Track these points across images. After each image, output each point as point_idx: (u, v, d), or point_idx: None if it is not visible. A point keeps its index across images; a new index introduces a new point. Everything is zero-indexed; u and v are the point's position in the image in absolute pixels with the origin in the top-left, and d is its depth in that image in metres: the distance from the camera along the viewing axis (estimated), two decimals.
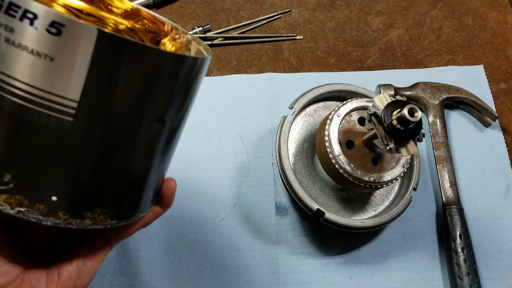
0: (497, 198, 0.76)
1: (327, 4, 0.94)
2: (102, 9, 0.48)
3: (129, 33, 0.35)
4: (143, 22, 0.48)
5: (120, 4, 0.48)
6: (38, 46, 0.30)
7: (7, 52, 0.31)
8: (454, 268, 0.67)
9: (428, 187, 0.76)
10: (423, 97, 0.80)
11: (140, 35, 0.36)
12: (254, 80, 0.85)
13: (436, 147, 0.76)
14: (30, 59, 0.31)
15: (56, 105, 0.32)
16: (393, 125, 0.53)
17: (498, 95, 0.85)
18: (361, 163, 0.62)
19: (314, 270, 0.70)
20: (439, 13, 0.94)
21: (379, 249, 0.72)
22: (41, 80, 0.31)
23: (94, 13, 0.33)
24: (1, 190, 0.33)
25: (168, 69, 0.35)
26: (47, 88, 0.31)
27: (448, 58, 0.89)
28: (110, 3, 0.48)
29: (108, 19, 0.34)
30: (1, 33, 0.31)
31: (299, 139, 0.73)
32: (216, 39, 0.89)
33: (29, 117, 0.32)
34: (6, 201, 0.34)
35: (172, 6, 0.94)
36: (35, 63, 0.31)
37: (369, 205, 0.70)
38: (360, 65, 0.88)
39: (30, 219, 0.35)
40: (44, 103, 0.32)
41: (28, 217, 0.34)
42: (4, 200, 0.33)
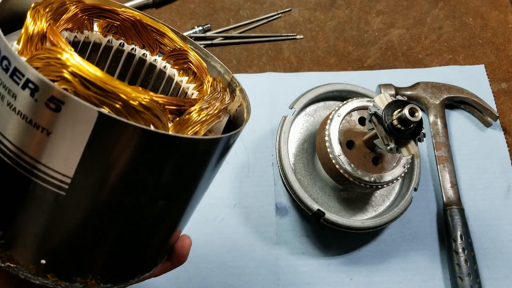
0: (498, 198, 0.75)
1: (328, 4, 0.94)
2: (150, 45, 0.46)
3: (142, 110, 0.32)
4: (188, 65, 0.46)
5: (169, 43, 0.46)
6: (36, 118, 0.29)
7: (7, 116, 0.30)
8: (455, 268, 0.67)
9: (428, 187, 0.76)
10: (423, 97, 0.79)
11: (156, 111, 0.33)
12: (254, 80, 0.84)
13: (436, 147, 0.76)
14: (28, 128, 0.30)
15: (49, 177, 0.31)
16: (394, 125, 0.53)
17: (499, 94, 0.85)
18: (361, 163, 0.62)
19: (314, 271, 0.70)
20: (439, 13, 0.93)
21: (379, 250, 0.72)
22: (36, 150, 0.30)
23: (105, 86, 0.31)
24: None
25: (173, 155, 0.33)
26: (41, 159, 0.30)
27: (449, 58, 0.88)
28: (160, 40, 0.46)
29: (120, 93, 0.31)
30: (4, 95, 0.30)
31: (299, 139, 0.73)
32: (216, 39, 0.89)
33: (20, 181, 0.31)
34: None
35: (172, 5, 0.94)
36: (32, 134, 0.30)
37: (369, 206, 0.70)
38: (360, 65, 0.87)
39: (19, 275, 0.34)
40: (36, 173, 0.31)
41: (17, 273, 0.34)
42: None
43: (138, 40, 0.46)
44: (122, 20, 0.43)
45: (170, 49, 0.46)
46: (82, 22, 0.41)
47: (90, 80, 0.30)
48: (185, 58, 0.46)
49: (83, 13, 0.40)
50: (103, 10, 0.42)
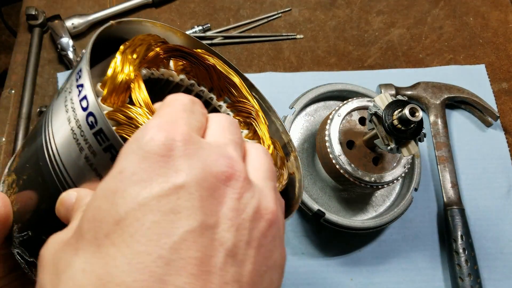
0: (499, 198, 0.75)
1: (328, 3, 0.94)
2: (218, 91, 0.46)
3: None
4: (251, 120, 0.45)
5: (237, 93, 0.45)
6: None
7: (84, 170, 0.30)
8: (456, 268, 0.67)
9: (429, 187, 0.76)
10: (424, 97, 0.79)
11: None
12: (254, 80, 0.83)
13: (437, 147, 0.76)
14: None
15: None
16: (394, 125, 0.53)
17: (499, 94, 0.84)
18: (361, 163, 0.61)
19: (314, 271, 0.70)
20: (440, 12, 0.93)
21: (380, 250, 0.72)
22: None
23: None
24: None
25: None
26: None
27: (449, 58, 0.88)
28: (229, 88, 0.46)
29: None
30: (83, 148, 0.30)
31: (300, 139, 0.72)
32: (216, 38, 0.88)
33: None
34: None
35: (172, 5, 0.94)
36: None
37: (370, 206, 0.70)
38: (361, 65, 0.87)
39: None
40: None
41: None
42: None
43: (208, 83, 0.46)
44: (198, 63, 0.44)
45: (236, 99, 0.46)
46: (162, 61, 0.42)
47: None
48: (249, 113, 0.45)
49: (165, 54, 0.41)
50: (184, 52, 0.42)
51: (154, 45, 0.39)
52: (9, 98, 0.83)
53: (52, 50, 0.88)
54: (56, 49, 0.86)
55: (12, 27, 1.41)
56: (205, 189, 0.23)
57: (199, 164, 0.24)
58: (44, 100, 0.83)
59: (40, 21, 0.88)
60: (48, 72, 0.86)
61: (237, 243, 0.23)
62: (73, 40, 0.85)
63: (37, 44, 0.87)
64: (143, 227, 0.22)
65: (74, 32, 0.87)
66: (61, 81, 0.82)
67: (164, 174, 0.23)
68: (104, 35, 0.39)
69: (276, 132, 0.48)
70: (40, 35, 0.88)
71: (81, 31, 0.88)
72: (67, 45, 0.83)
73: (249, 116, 0.45)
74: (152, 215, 0.22)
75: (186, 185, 0.23)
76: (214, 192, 0.24)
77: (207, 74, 0.45)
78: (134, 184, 0.23)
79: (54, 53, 0.87)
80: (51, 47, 0.88)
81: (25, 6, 0.90)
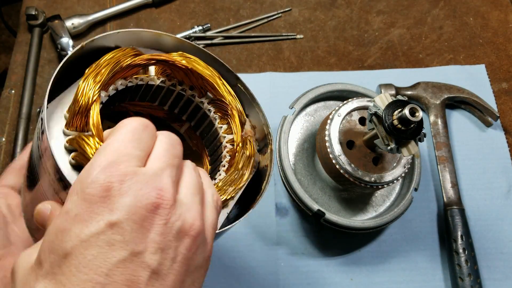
0: (499, 199, 0.75)
1: (328, 3, 0.94)
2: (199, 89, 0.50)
3: None
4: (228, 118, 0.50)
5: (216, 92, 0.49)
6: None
7: (51, 190, 0.37)
8: (456, 268, 0.67)
9: (429, 187, 0.76)
10: (424, 97, 0.79)
11: None
12: (254, 80, 0.84)
13: (437, 147, 0.76)
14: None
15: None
16: (394, 125, 0.53)
17: (499, 94, 0.84)
18: (361, 163, 0.61)
19: (314, 271, 0.70)
20: (440, 12, 0.93)
21: (380, 250, 0.72)
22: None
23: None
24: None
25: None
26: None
27: (449, 58, 0.88)
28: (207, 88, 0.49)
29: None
30: (47, 173, 0.37)
31: (300, 139, 0.72)
32: (216, 38, 0.88)
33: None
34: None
35: (172, 5, 0.94)
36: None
37: (370, 206, 0.70)
38: (361, 65, 0.87)
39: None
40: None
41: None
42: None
43: (188, 82, 0.49)
44: (174, 67, 0.47)
45: (215, 96, 0.49)
46: (137, 71, 0.46)
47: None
48: (226, 111, 0.49)
49: (136, 67, 0.45)
50: (158, 60, 0.45)
51: (123, 60, 0.43)
52: (9, 98, 0.83)
53: (52, 50, 0.88)
54: (56, 49, 0.86)
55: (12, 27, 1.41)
56: (135, 222, 0.29)
57: (131, 201, 0.29)
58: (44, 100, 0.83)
59: (40, 21, 0.88)
60: (48, 72, 0.86)
61: (162, 261, 0.29)
62: (73, 40, 0.85)
63: (37, 44, 0.87)
64: (85, 260, 0.28)
65: (74, 32, 0.87)
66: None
67: (101, 213, 0.29)
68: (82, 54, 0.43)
69: (260, 124, 0.51)
70: (40, 35, 0.88)
71: (81, 31, 0.88)
72: (67, 45, 0.83)
73: (226, 113, 0.49)
74: (92, 249, 0.28)
75: (118, 221, 0.29)
76: (144, 222, 0.29)
77: (186, 76, 0.48)
78: (77, 223, 0.29)
79: (54, 53, 0.87)
80: (51, 47, 0.88)
81: (25, 6, 0.90)
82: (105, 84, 0.42)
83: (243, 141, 0.49)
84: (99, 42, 0.44)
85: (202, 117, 0.52)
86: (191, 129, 0.55)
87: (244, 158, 0.48)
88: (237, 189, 0.46)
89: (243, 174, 0.47)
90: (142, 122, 0.34)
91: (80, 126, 0.39)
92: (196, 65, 0.47)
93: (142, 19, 0.92)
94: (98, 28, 0.90)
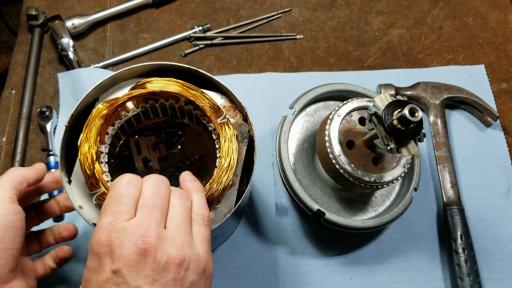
0: (498, 198, 0.75)
1: (328, 4, 0.94)
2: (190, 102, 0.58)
3: None
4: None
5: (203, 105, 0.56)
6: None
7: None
8: (455, 268, 0.67)
9: (428, 187, 0.76)
10: (424, 97, 0.79)
11: None
12: (254, 80, 0.84)
13: (437, 147, 0.76)
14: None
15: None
16: (394, 125, 0.53)
17: (499, 94, 0.84)
18: (361, 163, 0.62)
19: (314, 271, 0.70)
20: (440, 13, 0.93)
21: (379, 250, 0.72)
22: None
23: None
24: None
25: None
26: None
27: (449, 58, 0.88)
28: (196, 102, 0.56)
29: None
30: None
31: (300, 139, 0.72)
32: (216, 39, 0.89)
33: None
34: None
35: (172, 5, 0.94)
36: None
37: (369, 206, 0.70)
38: (360, 65, 0.87)
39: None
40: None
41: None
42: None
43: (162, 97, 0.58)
44: (146, 96, 0.56)
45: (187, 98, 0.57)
46: (117, 114, 0.56)
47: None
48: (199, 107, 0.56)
49: (114, 113, 0.54)
50: (129, 98, 0.54)
51: (101, 116, 0.52)
52: (9, 98, 0.83)
53: (53, 50, 0.88)
54: (56, 49, 0.86)
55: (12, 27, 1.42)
56: (130, 266, 0.39)
57: (125, 251, 0.40)
58: (44, 100, 0.83)
59: (41, 22, 0.88)
60: (49, 72, 0.86)
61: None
62: (73, 40, 0.85)
63: (38, 44, 0.87)
64: None
65: (75, 32, 0.87)
66: (61, 81, 0.82)
67: (107, 264, 0.40)
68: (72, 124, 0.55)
69: (235, 98, 0.59)
70: (40, 35, 0.89)
71: (81, 31, 0.88)
72: (68, 45, 0.83)
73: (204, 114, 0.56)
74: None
75: (119, 268, 0.39)
76: (137, 264, 0.39)
77: (153, 95, 0.56)
78: (94, 274, 0.40)
79: (54, 53, 0.88)
80: (51, 47, 0.88)
81: (25, 7, 0.90)
82: (100, 140, 0.52)
83: (220, 126, 0.55)
84: (80, 106, 0.55)
85: (189, 114, 0.60)
86: (191, 121, 0.62)
87: (228, 138, 0.54)
88: (234, 168, 0.53)
89: (233, 152, 0.54)
90: (127, 178, 0.44)
91: (95, 183, 0.51)
92: (154, 84, 0.55)
93: (142, 19, 0.92)
94: (99, 28, 0.90)
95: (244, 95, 0.81)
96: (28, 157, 0.78)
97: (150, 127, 0.67)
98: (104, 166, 0.53)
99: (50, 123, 0.79)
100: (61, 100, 0.81)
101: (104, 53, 0.88)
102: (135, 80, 0.58)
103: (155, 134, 0.68)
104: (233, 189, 0.54)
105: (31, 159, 0.78)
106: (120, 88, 0.58)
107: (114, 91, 0.58)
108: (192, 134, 0.70)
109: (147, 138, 0.67)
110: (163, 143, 0.68)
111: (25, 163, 0.77)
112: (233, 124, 0.57)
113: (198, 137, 0.70)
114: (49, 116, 0.79)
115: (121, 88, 0.58)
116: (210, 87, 0.59)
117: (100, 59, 0.87)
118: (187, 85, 0.56)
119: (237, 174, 0.54)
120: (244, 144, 0.57)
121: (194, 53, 0.88)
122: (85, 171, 0.51)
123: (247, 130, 0.58)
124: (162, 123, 0.66)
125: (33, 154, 0.78)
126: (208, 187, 0.51)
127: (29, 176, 0.55)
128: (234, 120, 0.57)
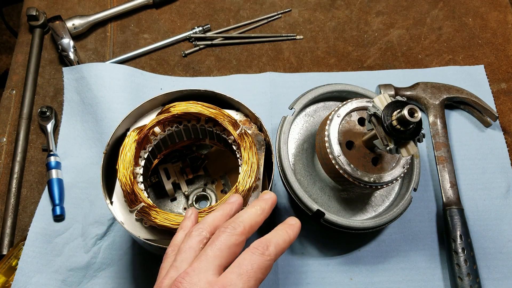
0: (498, 198, 0.75)
1: (327, 4, 0.94)
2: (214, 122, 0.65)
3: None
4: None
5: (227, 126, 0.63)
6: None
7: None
8: (455, 268, 0.67)
9: (428, 187, 0.76)
10: (423, 97, 0.79)
11: None
12: (254, 80, 0.84)
13: (436, 147, 0.76)
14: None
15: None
16: (393, 125, 0.53)
17: (498, 95, 0.85)
18: (361, 163, 0.62)
19: (314, 271, 0.70)
20: (439, 13, 0.93)
21: (379, 250, 0.72)
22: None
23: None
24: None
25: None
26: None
27: (448, 58, 0.88)
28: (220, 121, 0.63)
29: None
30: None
31: (299, 139, 0.73)
32: (216, 39, 0.89)
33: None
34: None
35: (172, 6, 0.94)
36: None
37: (369, 206, 0.70)
38: (360, 65, 0.87)
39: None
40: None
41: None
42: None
43: (185, 119, 0.65)
44: (172, 119, 0.64)
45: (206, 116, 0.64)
46: (147, 138, 0.63)
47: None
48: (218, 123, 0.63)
49: (145, 137, 0.62)
50: (157, 123, 0.62)
51: (134, 141, 0.60)
52: (10, 99, 0.83)
53: (53, 51, 0.88)
54: (57, 50, 0.86)
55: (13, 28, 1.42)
56: None
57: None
58: (45, 101, 0.83)
59: (41, 22, 0.88)
60: (49, 72, 0.86)
61: None
62: (74, 40, 0.85)
63: (38, 45, 0.88)
64: None
65: (75, 33, 0.87)
66: (66, 76, 0.82)
67: None
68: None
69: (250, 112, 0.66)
70: (41, 36, 0.89)
71: (81, 32, 0.88)
72: (68, 46, 0.83)
73: (224, 129, 0.64)
74: None
75: None
76: None
77: (177, 117, 0.64)
78: None
79: (55, 54, 0.88)
80: (52, 47, 0.89)
81: (26, 7, 0.90)
82: (135, 162, 0.59)
83: (240, 136, 0.61)
84: (114, 136, 0.62)
85: (210, 133, 0.67)
86: (212, 140, 0.70)
87: (247, 146, 0.61)
88: (255, 171, 0.59)
89: (253, 157, 0.60)
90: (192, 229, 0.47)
91: (136, 200, 0.57)
92: (177, 108, 0.62)
93: (142, 19, 0.92)
94: (99, 28, 0.90)
95: (244, 95, 0.82)
96: (29, 157, 0.78)
97: (176, 155, 0.74)
98: (140, 185, 0.60)
99: (51, 123, 0.79)
100: (65, 95, 0.81)
101: (104, 54, 0.88)
102: (158, 109, 0.66)
103: (181, 160, 0.74)
104: (257, 191, 0.60)
105: (32, 159, 0.78)
106: (146, 116, 0.66)
107: (142, 119, 0.66)
108: (213, 157, 0.75)
109: (174, 164, 0.73)
110: (189, 167, 0.74)
111: (25, 163, 0.77)
112: (250, 135, 0.63)
113: (219, 157, 0.75)
114: (50, 116, 0.79)
115: (147, 116, 0.66)
116: (225, 106, 0.66)
117: (100, 60, 0.87)
118: (206, 105, 0.63)
119: (259, 178, 0.61)
120: (262, 151, 0.63)
121: (194, 53, 0.88)
122: (125, 188, 0.57)
123: (263, 138, 0.64)
124: (186, 150, 0.73)
125: (33, 154, 0.78)
126: (234, 190, 0.57)
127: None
128: (250, 131, 0.64)
